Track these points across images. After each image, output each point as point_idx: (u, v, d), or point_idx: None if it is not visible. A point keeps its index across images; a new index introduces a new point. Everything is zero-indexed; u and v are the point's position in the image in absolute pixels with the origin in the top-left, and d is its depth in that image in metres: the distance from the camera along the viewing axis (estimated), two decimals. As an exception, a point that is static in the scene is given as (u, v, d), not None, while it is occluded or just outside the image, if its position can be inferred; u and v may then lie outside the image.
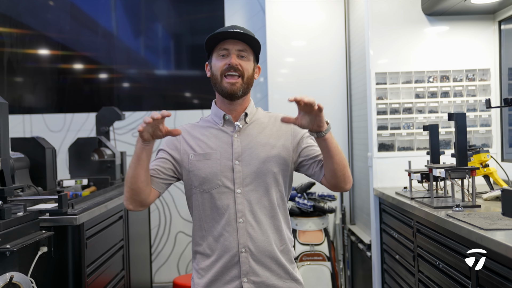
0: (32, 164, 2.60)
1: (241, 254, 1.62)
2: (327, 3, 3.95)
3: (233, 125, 1.68)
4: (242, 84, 1.63)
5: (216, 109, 1.71)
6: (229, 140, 1.66)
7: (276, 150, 1.66)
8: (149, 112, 4.25)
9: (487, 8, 2.93)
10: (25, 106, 4.30)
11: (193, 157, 1.66)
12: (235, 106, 1.68)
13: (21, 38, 4.32)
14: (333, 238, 3.88)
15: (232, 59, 1.62)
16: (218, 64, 1.64)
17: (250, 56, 1.67)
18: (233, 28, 1.64)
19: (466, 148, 2.21)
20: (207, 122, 1.72)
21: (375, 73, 3.10)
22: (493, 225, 1.71)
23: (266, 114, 1.75)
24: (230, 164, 1.63)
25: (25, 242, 1.81)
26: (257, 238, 1.62)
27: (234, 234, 1.62)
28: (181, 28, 4.40)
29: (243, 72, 1.63)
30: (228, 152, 1.65)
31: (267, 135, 1.68)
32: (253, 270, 1.62)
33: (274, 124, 1.71)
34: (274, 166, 1.65)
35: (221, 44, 1.64)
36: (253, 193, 1.63)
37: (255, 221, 1.63)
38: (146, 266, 3.76)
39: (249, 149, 1.65)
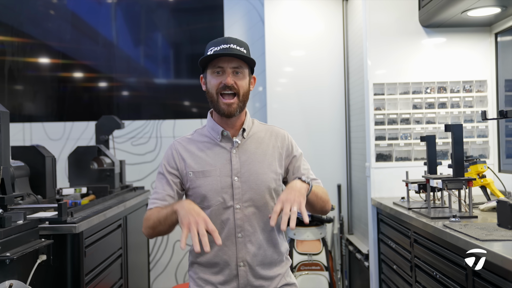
0: (32, 172, 2.61)
1: (240, 268, 1.66)
2: (326, 14, 4.00)
3: (231, 141, 1.70)
4: (239, 103, 1.66)
5: (213, 123, 1.72)
6: (228, 157, 1.69)
7: (273, 166, 1.71)
8: (148, 121, 4.27)
9: (483, 21, 2.97)
10: (25, 114, 4.32)
11: (192, 175, 1.68)
12: (233, 121, 1.71)
13: (22, 47, 4.35)
14: (331, 248, 3.88)
15: (228, 78, 1.63)
16: (214, 82, 1.65)
17: (245, 70, 1.69)
18: (227, 43, 1.64)
19: (462, 159, 2.23)
20: (203, 136, 1.74)
21: (373, 83, 3.14)
22: (489, 236, 1.72)
23: (263, 128, 1.78)
24: (230, 181, 1.67)
25: (24, 250, 1.81)
26: (255, 252, 1.67)
27: (233, 248, 1.66)
28: (180, 37, 4.43)
29: (239, 90, 1.65)
30: (227, 168, 1.67)
31: (263, 150, 1.72)
32: (251, 283, 1.67)
33: (270, 138, 1.75)
34: (271, 181, 1.70)
35: (215, 61, 1.65)
36: (252, 208, 1.67)
37: (253, 236, 1.67)
38: (144, 275, 3.76)
39: (248, 165, 1.68)
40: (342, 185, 4.00)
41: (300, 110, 3.97)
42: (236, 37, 1.70)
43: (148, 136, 4.28)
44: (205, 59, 1.66)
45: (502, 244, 1.63)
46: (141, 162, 4.26)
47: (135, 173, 4.23)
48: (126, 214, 3.09)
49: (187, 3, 4.45)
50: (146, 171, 4.25)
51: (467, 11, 2.73)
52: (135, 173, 4.23)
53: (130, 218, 3.19)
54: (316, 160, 3.93)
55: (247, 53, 1.68)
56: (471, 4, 2.62)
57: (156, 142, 4.27)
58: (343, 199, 3.99)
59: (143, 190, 3.80)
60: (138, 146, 4.27)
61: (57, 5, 4.42)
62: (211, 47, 1.67)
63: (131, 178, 4.20)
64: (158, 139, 4.27)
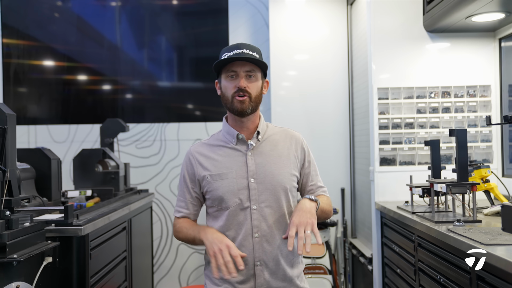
0: (37, 174, 2.63)
1: (257, 267, 1.72)
2: (330, 18, 4.01)
3: (246, 144, 1.77)
4: (251, 103, 1.73)
5: (228, 127, 1.80)
6: (244, 159, 1.76)
7: (287, 167, 1.78)
8: (152, 124, 4.29)
9: (487, 26, 2.98)
10: (30, 116, 4.35)
11: (209, 178, 1.76)
12: (247, 123, 1.78)
13: (28, 49, 4.38)
14: (335, 252, 3.89)
15: (241, 82, 1.71)
16: (228, 86, 1.74)
17: (258, 74, 1.76)
18: (240, 49, 1.72)
19: (466, 163, 2.24)
20: (219, 141, 1.81)
21: (377, 88, 3.15)
22: (493, 240, 1.73)
23: (277, 130, 1.86)
24: (246, 182, 1.73)
25: (31, 252, 1.83)
26: (271, 252, 1.73)
27: (250, 248, 1.72)
28: (184, 40, 4.46)
29: (251, 93, 1.73)
30: (243, 170, 1.74)
31: (279, 152, 1.79)
32: (267, 282, 1.73)
33: (284, 140, 1.83)
34: (286, 182, 1.76)
35: (229, 66, 1.73)
36: (268, 209, 1.74)
37: (269, 236, 1.74)
38: (148, 277, 3.77)
39: (263, 167, 1.75)
40: (346, 189, 4.00)
41: (304, 113, 3.98)
42: (248, 43, 1.77)
43: (153, 139, 4.30)
44: (220, 64, 1.74)
45: (506, 248, 1.63)
46: (145, 165, 4.28)
47: (139, 176, 4.25)
48: (131, 217, 3.11)
49: (191, 7, 4.47)
50: (150, 174, 4.27)
51: (471, 16, 2.74)
52: (140, 176, 4.25)
53: (134, 221, 3.21)
54: (320, 164, 3.89)
55: (259, 57, 1.75)
56: (476, 10, 2.63)
57: (160, 145, 4.29)
58: (347, 203, 4.00)
59: (147, 193, 3.82)
60: (142, 149, 4.29)
61: (62, 8, 4.45)
62: (224, 53, 1.74)
63: (136, 181, 4.22)
64: (163, 142, 4.29)
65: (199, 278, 4.24)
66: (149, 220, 3.78)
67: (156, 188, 4.25)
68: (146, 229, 3.69)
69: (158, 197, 4.25)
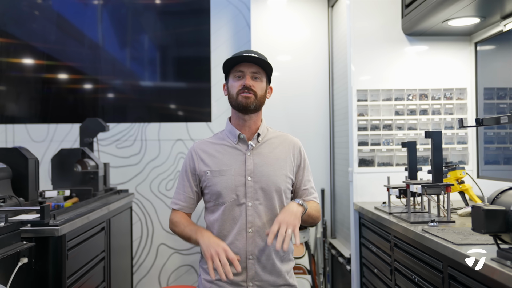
0: (14, 174, 2.59)
1: (249, 260, 1.83)
2: (312, 20, 4.05)
3: (246, 144, 1.89)
4: (255, 100, 1.84)
5: (231, 127, 1.91)
6: (243, 158, 1.87)
7: (283, 169, 1.89)
8: (133, 123, 4.26)
9: (464, 30, 3.04)
10: (8, 115, 4.28)
11: (209, 174, 1.87)
12: (249, 122, 1.89)
13: (6, 47, 4.32)
14: (314, 252, 3.92)
15: (247, 80, 1.83)
16: (235, 85, 1.85)
17: (263, 77, 1.88)
18: (248, 53, 1.85)
19: (441, 165, 2.29)
20: (221, 139, 1.93)
21: (356, 90, 3.18)
22: (465, 240, 1.77)
23: (276, 134, 1.97)
24: (243, 180, 1.84)
25: (5, 253, 1.81)
26: (263, 247, 1.84)
27: (243, 242, 1.83)
28: (167, 40, 4.44)
29: (256, 92, 1.84)
30: (242, 168, 1.85)
31: (276, 155, 1.90)
32: (258, 275, 1.84)
33: (283, 144, 1.94)
34: (281, 184, 1.87)
35: (237, 67, 1.85)
36: (262, 206, 1.85)
37: (262, 232, 1.84)
38: (127, 278, 3.75)
39: (261, 167, 1.86)
40: (326, 189, 4.04)
41: (285, 115, 4.00)
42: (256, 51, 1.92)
43: (133, 139, 4.27)
44: (228, 66, 1.87)
45: (477, 247, 1.67)
46: (125, 165, 4.25)
47: (119, 176, 4.22)
48: (110, 217, 3.09)
49: (173, 6, 4.46)
50: (131, 174, 4.24)
51: (447, 20, 2.80)
52: (120, 176, 4.22)
53: (113, 221, 3.19)
54: (300, 164, 3.95)
55: None
56: (452, 14, 2.68)
57: (141, 145, 4.27)
58: (327, 203, 4.03)
59: (127, 193, 3.79)
60: (122, 149, 4.26)
61: (42, 5, 4.39)
62: (234, 55, 1.87)
63: (116, 181, 4.19)
64: (143, 142, 4.27)
65: (179, 278, 4.23)
66: (128, 221, 3.76)
67: (136, 188, 4.23)
68: (126, 230, 3.67)
69: (138, 197, 4.23)
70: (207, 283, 1.86)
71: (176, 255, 4.23)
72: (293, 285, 1.92)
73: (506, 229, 1.42)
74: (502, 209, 1.42)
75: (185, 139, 4.27)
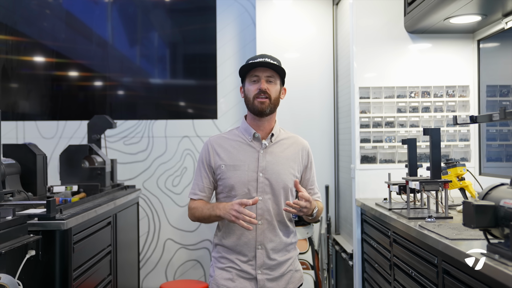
0: (23, 170, 2.67)
1: (258, 250, 1.98)
2: (317, 18, 4.07)
3: (260, 142, 2.03)
4: (270, 104, 1.99)
5: (246, 125, 2.05)
6: (256, 155, 2.01)
7: (292, 169, 2.03)
8: (140, 120, 4.33)
9: (466, 28, 3.05)
10: (18, 112, 4.37)
11: (224, 168, 2.00)
12: (264, 124, 2.03)
13: (17, 45, 4.41)
14: (318, 248, 3.96)
15: (262, 84, 1.98)
16: (251, 89, 2.00)
17: (277, 80, 2.04)
18: (263, 58, 2.00)
19: (440, 161, 2.31)
20: (236, 136, 2.06)
21: (359, 87, 3.21)
22: (458, 235, 1.80)
23: (288, 135, 2.12)
24: (255, 176, 1.98)
25: (13, 245, 1.88)
26: (271, 238, 1.99)
27: (253, 233, 1.98)
28: (177, 37, 4.50)
29: (271, 95, 1.99)
30: (255, 165, 1.99)
31: (287, 155, 2.05)
32: (266, 264, 1.98)
33: (293, 146, 2.09)
34: (289, 182, 2.01)
35: (252, 71, 2.01)
36: (271, 201, 1.99)
37: (271, 224, 1.99)
38: (134, 272, 3.82)
39: (272, 165, 2.00)
40: (330, 186, 4.07)
41: (290, 111, 4.04)
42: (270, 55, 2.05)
43: (140, 136, 4.34)
44: (244, 70, 2.02)
45: (469, 242, 1.71)
46: (133, 161, 4.32)
47: (127, 172, 4.29)
48: (116, 212, 3.16)
49: (181, 4, 4.51)
50: (138, 170, 4.32)
51: (449, 18, 2.81)
52: (127, 172, 4.30)
53: (120, 216, 3.26)
54: (304, 161, 3.99)
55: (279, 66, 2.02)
56: (453, 12, 2.70)
57: (148, 141, 4.34)
58: (331, 200, 4.07)
59: (134, 188, 3.87)
60: (130, 145, 4.34)
61: (52, 4, 4.47)
62: (249, 60, 2.02)
63: (123, 177, 4.27)
64: (150, 138, 4.34)
65: (185, 273, 4.30)
66: (135, 216, 3.83)
67: (143, 184, 4.30)
68: (132, 224, 3.74)
69: (145, 193, 4.30)
70: (219, 270, 2.01)
71: (182, 250, 4.30)
72: (298, 270, 2.09)
73: (495, 224, 1.45)
74: (491, 204, 1.45)
75: (191, 136, 4.33)
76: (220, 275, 2.01)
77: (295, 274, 2.08)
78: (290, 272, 2.05)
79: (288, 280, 2.04)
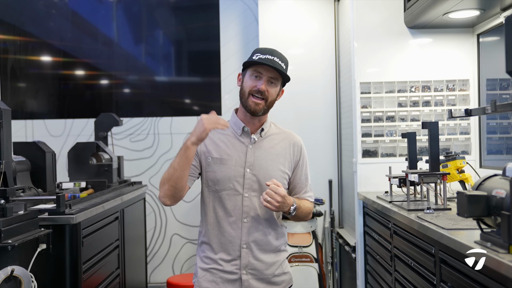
0: (33, 167, 2.75)
1: (243, 249, 1.87)
2: (319, 14, 4.11)
3: (249, 137, 1.92)
4: (264, 106, 1.87)
5: (236, 119, 1.94)
6: (244, 150, 1.90)
7: (281, 166, 1.93)
8: (146, 118, 4.41)
9: (466, 22, 3.09)
10: (27, 111, 4.46)
11: (210, 160, 1.89)
12: (254, 120, 1.92)
13: (24, 45, 4.49)
14: (322, 241, 4.01)
15: (263, 84, 1.85)
16: (250, 84, 1.87)
17: (279, 82, 1.91)
18: (272, 55, 1.86)
19: (438, 154, 2.36)
20: (225, 129, 1.91)
21: (360, 82, 3.26)
22: (455, 225, 1.86)
23: (278, 131, 2.00)
24: (242, 171, 1.88)
25: (25, 238, 1.96)
26: (257, 237, 1.88)
27: (238, 231, 1.87)
28: (181, 35, 4.56)
29: (268, 97, 1.87)
30: (242, 160, 1.89)
31: (276, 151, 1.94)
32: (251, 264, 1.88)
33: (284, 141, 1.97)
34: (277, 178, 1.89)
35: (257, 66, 1.86)
36: (258, 198, 1.88)
37: (257, 222, 1.88)
38: (142, 266, 3.91)
39: (260, 161, 1.90)
40: (334, 180, 4.13)
41: (293, 107, 4.09)
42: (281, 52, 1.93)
43: (146, 133, 4.42)
44: (250, 62, 1.87)
45: (465, 232, 1.76)
46: (139, 158, 4.40)
47: (133, 169, 4.37)
48: (123, 207, 3.24)
49: (184, 2, 4.57)
50: (144, 166, 4.39)
51: (448, 13, 2.85)
52: (134, 168, 4.38)
53: (127, 211, 3.33)
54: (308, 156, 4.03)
55: (286, 69, 1.91)
56: (451, 7, 2.74)
57: (153, 138, 4.41)
58: (334, 194, 4.12)
59: (141, 184, 3.94)
60: (136, 142, 4.41)
61: (58, 4, 4.55)
62: (256, 53, 1.88)
63: (130, 174, 4.34)
64: (156, 135, 4.41)
65: (192, 267, 4.38)
66: (142, 211, 3.91)
67: (149, 181, 4.38)
68: (139, 220, 3.82)
69: (152, 189, 4.38)
70: (202, 271, 1.90)
71: (188, 244, 4.38)
72: (286, 272, 1.96)
73: (488, 213, 1.50)
74: (484, 194, 1.51)
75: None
76: (203, 276, 1.90)
77: (284, 276, 1.95)
78: (278, 275, 1.92)
79: (276, 282, 1.91)
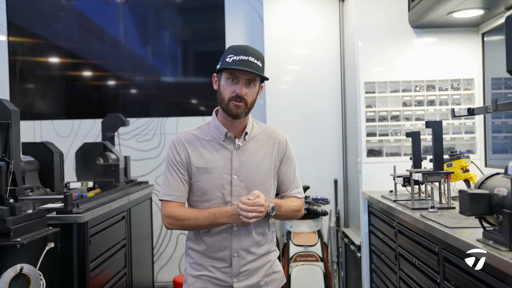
0: (41, 167, 2.79)
1: (234, 258, 1.83)
2: (324, 15, 4.13)
3: (233, 142, 1.85)
4: (245, 109, 1.80)
5: (217, 123, 1.86)
6: (229, 156, 1.84)
7: (268, 167, 1.88)
8: (153, 118, 4.44)
9: (470, 21, 3.09)
10: (35, 112, 4.52)
11: (195, 170, 1.83)
12: (236, 123, 1.85)
13: (33, 47, 4.55)
14: (328, 240, 4.03)
15: (241, 89, 1.77)
16: (228, 89, 1.79)
17: (257, 82, 1.83)
18: (246, 55, 1.76)
19: (442, 153, 2.37)
20: (207, 134, 1.87)
21: (365, 82, 3.27)
22: (458, 224, 1.87)
23: (261, 130, 1.93)
24: (229, 178, 1.82)
25: (34, 236, 1.99)
26: (248, 245, 1.85)
27: (228, 240, 1.83)
28: (187, 36, 4.60)
29: (247, 100, 1.79)
30: (228, 167, 1.83)
31: (262, 153, 1.88)
32: (243, 272, 1.84)
33: (268, 140, 1.91)
34: (266, 181, 1.86)
35: (232, 69, 1.77)
36: None
37: (247, 229, 1.84)
38: (148, 266, 3.94)
39: (246, 165, 1.84)
40: (339, 180, 4.14)
41: (298, 107, 4.11)
42: (254, 48, 1.82)
43: (153, 133, 4.46)
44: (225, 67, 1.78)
45: (467, 230, 1.77)
46: (145, 158, 4.44)
47: (140, 169, 4.41)
48: (130, 207, 3.27)
49: (190, 3, 4.60)
50: (151, 166, 4.43)
51: (452, 12, 2.86)
52: (140, 168, 4.41)
53: (134, 210, 3.37)
54: (313, 156, 4.08)
55: (262, 66, 1.81)
56: (455, 6, 2.74)
57: (160, 138, 4.45)
58: (340, 193, 4.13)
59: (147, 184, 3.98)
60: (143, 142, 4.45)
61: (66, 6, 4.60)
62: (230, 54, 1.79)
63: (136, 174, 4.38)
64: (162, 136, 4.45)
65: (198, 266, 4.40)
66: (149, 211, 3.94)
67: (156, 180, 4.41)
68: (146, 219, 3.86)
69: (158, 189, 4.41)
70: (192, 278, 1.87)
71: (195, 244, 4.40)
72: (278, 271, 1.95)
73: (490, 211, 1.51)
74: (485, 192, 1.52)
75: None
76: (194, 283, 1.85)
77: (275, 275, 1.94)
78: (269, 275, 1.91)
79: (267, 283, 1.90)
